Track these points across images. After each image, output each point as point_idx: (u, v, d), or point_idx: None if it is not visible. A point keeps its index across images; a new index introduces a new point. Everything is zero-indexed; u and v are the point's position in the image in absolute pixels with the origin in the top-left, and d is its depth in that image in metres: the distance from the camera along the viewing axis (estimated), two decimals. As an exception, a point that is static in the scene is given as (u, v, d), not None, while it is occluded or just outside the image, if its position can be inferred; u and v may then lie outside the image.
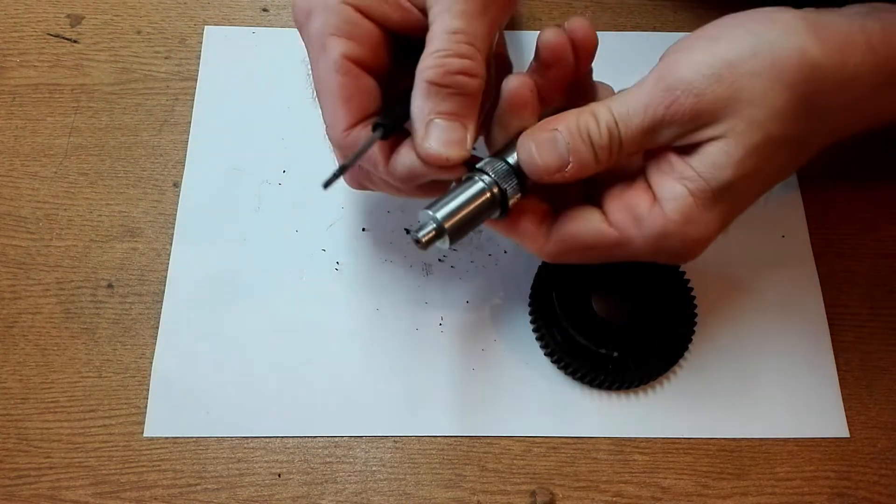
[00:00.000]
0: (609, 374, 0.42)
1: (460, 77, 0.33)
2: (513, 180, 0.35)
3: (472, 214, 0.34)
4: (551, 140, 0.33)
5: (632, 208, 0.34)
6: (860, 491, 0.42)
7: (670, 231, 0.33)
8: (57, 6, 0.54)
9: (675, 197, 0.33)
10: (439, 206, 0.34)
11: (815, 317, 0.46)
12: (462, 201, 0.34)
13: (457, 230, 0.34)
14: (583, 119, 0.33)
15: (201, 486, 0.42)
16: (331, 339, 0.45)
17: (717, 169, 0.32)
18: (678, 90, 0.32)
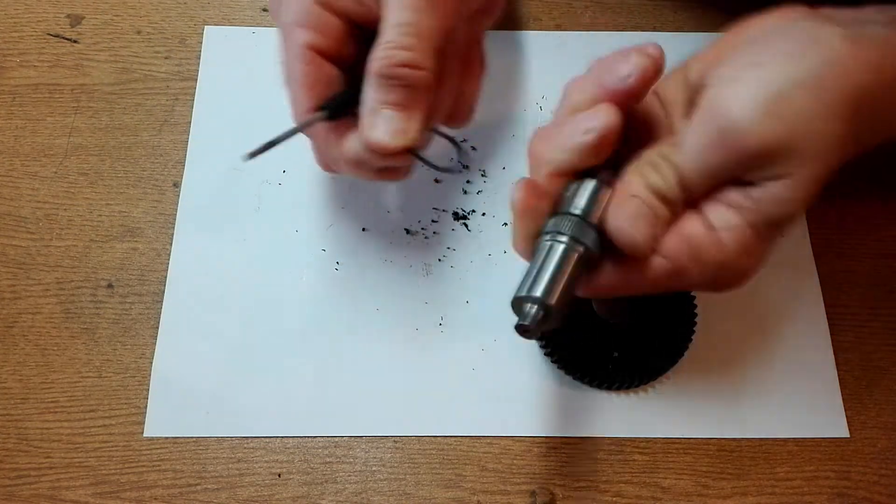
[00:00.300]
0: (609, 374, 0.42)
1: (404, 69, 0.35)
2: (590, 233, 0.32)
3: (570, 280, 0.31)
4: (639, 209, 0.31)
5: (686, 238, 0.32)
6: (860, 491, 0.42)
7: (727, 263, 0.31)
8: (57, 6, 0.54)
9: (731, 227, 0.31)
10: (534, 285, 0.31)
11: (815, 317, 0.46)
12: (554, 270, 0.31)
13: (562, 304, 0.31)
14: (651, 178, 0.31)
15: (201, 486, 0.42)
16: (330, 338, 0.45)
17: (778, 204, 0.31)
18: (733, 134, 0.30)
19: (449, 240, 0.48)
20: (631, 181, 0.32)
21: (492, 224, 0.48)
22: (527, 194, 0.32)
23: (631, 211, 0.31)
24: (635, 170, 0.32)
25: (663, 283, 0.32)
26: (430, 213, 0.48)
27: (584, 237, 0.31)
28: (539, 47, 0.53)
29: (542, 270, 0.31)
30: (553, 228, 0.32)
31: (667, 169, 0.31)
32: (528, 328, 0.30)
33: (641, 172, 0.32)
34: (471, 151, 0.50)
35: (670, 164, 0.31)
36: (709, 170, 0.31)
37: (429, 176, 0.49)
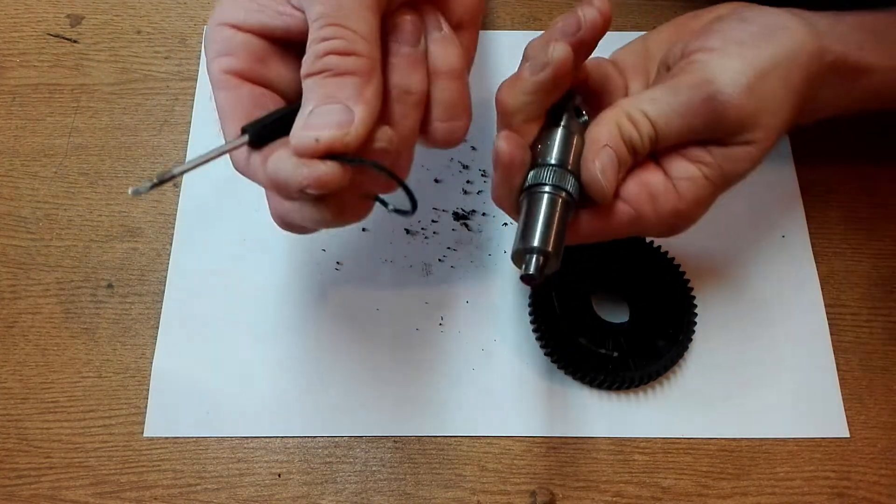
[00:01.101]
0: (609, 374, 0.42)
1: (330, 58, 0.30)
2: (569, 179, 0.33)
3: (560, 225, 0.33)
4: (610, 160, 0.33)
5: (646, 185, 0.34)
6: (860, 491, 0.42)
7: (681, 210, 0.35)
8: (57, 6, 0.54)
9: (689, 177, 0.34)
10: (530, 236, 0.32)
11: (815, 317, 0.46)
12: (545, 218, 0.33)
13: (557, 247, 0.32)
14: (626, 129, 0.34)
15: (201, 486, 0.42)
16: (331, 339, 0.45)
17: (735, 163, 0.34)
18: (717, 101, 0.33)
19: (449, 240, 0.48)
20: (604, 131, 0.34)
21: (492, 224, 0.48)
22: (510, 146, 0.33)
23: (604, 162, 0.33)
24: (610, 119, 0.34)
25: (626, 228, 0.35)
26: (430, 213, 0.48)
27: (565, 183, 0.33)
28: (539, 47, 0.53)
29: (533, 221, 0.33)
30: (534, 180, 0.33)
31: (643, 123, 0.33)
32: (533, 277, 0.32)
33: (617, 123, 0.34)
34: (471, 151, 0.50)
35: (646, 120, 0.33)
36: (685, 129, 0.34)
37: (429, 176, 0.49)
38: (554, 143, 0.34)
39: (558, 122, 0.35)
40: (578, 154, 0.34)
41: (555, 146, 0.34)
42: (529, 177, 0.34)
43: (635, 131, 0.33)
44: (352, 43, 0.30)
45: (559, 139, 0.34)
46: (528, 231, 0.32)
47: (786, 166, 0.50)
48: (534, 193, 0.33)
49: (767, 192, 0.49)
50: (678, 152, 0.35)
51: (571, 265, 0.43)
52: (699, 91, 0.33)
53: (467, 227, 0.48)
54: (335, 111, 0.29)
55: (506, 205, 0.36)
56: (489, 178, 0.49)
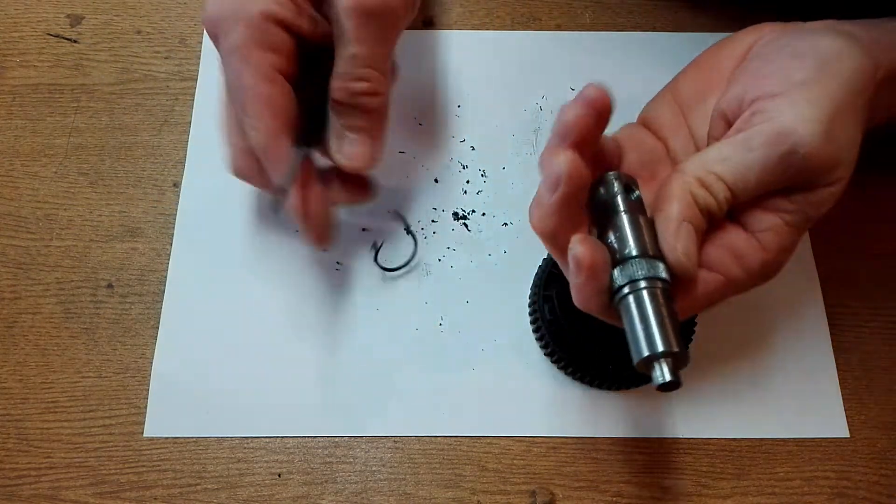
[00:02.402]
0: (609, 374, 0.42)
1: (363, 98, 0.38)
2: (658, 266, 0.31)
3: (673, 317, 0.31)
4: (691, 236, 0.31)
5: (729, 247, 0.33)
6: (860, 491, 0.42)
7: (769, 261, 0.33)
8: (57, 6, 0.54)
9: (772, 228, 0.33)
10: (653, 341, 0.30)
11: (815, 317, 0.46)
12: (657, 317, 0.30)
13: (682, 341, 0.30)
14: (700, 197, 0.32)
15: (201, 486, 0.42)
16: (331, 339, 0.45)
17: (819, 205, 0.33)
18: (798, 155, 0.31)
19: (449, 240, 0.48)
20: (677, 205, 0.31)
21: (492, 224, 0.48)
22: (589, 249, 0.31)
23: (686, 241, 0.31)
24: (681, 190, 0.32)
25: (718, 295, 0.33)
26: (430, 213, 0.48)
27: (658, 272, 0.31)
28: (539, 47, 0.53)
29: (648, 324, 0.30)
30: (626, 279, 0.31)
31: (718, 187, 0.32)
32: (672, 383, 0.30)
33: (691, 191, 0.32)
34: (470, 151, 0.50)
35: (721, 183, 0.32)
36: (763, 186, 0.32)
37: (429, 176, 0.49)
38: (625, 231, 0.32)
39: (614, 206, 0.33)
40: (652, 233, 0.32)
41: (628, 235, 0.32)
42: (616, 276, 0.31)
43: (710, 197, 0.32)
44: (379, 84, 0.38)
45: (628, 226, 0.32)
46: (648, 337, 0.30)
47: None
48: (632, 293, 0.31)
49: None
50: (755, 205, 0.33)
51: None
52: (776, 147, 0.31)
53: (467, 227, 0.48)
54: (364, 142, 0.39)
55: (594, 307, 0.33)
56: (489, 179, 0.49)
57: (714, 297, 0.33)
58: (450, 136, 0.50)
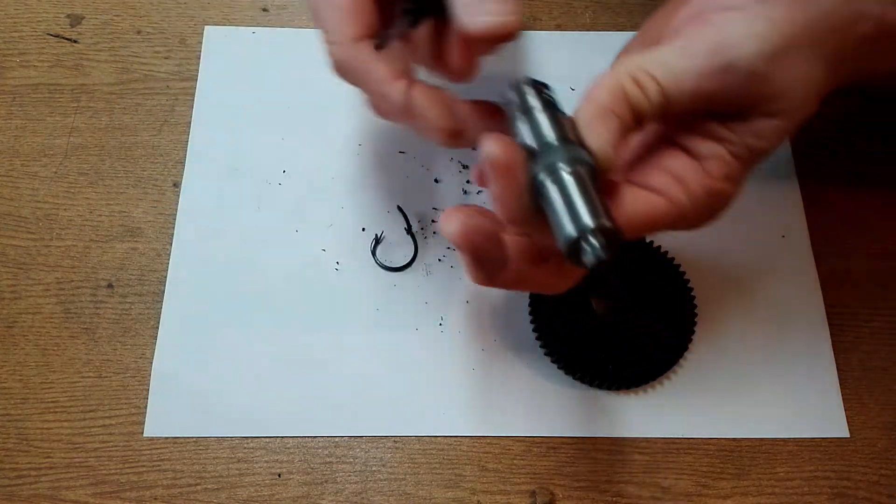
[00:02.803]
0: (609, 374, 0.42)
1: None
2: (579, 150, 0.29)
3: (600, 197, 0.28)
4: (615, 126, 0.29)
5: (670, 170, 0.31)
6: (860, 491, 0.42)
7: (715, 188, 0.31)
8: (57, 6, 0.54)
9: (715, 156, 0.31)
10: (577, 218, 0.27)
11: (815, 317, 0.46)
12: (583, 195, 0.27)
13: (614, 220, 0.27)
14: (632, 93, 0.29)
15: (201, 486, 0.42)
16: (331, 339, 0.45)
17: (761, 138, 0.31)
18: (736, 68, 0.29)
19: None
20: (606, 93, 0.29)
21: (492, 224, 0.48)
22: (501, 146, 0.28)
23: (609, 129, 0.29)
24: (612, 82, 0.29)
25: (662, 221, 0.31)
26: (430, 213, 0.48)
27: (580, 154, 0.28)
28: (539, 47, 0.53)
29: (570, 203, 0.27)
30: (545, 167, 0.28)
31: (652, 88, 0.30)
32: (603, 259, 0.26)
33: (622, 85, 0.29)
34: (471, 151, 0.50)
35: (655, 83, 0.30)
36: (699, 96, 0.30)
37: (429, 176, 0.49)
38: (541, 124, 0.30)
39: (527, 106, 0.31)
40: (572, 126, 0.30)
41: (544, 126, 0.29)
42: (538, 167, 0.28)
43: (642, 95, 0.29)
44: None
45: (543, 119, 0.30)
46: (573, 214, 0.27)
47: (786, 167, 0.50)
48: (551, 179, 0.28)
49: (767, 191, 0.49)
50: (697, 132, 0.31)
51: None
52: (716, 57, 0.29)
53: (467, 227, 0.48)
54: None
55: (518, 215, 0.29)
56: (489, 178, 0.49)
57: (657, 222, 0.31)
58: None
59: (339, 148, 0.50)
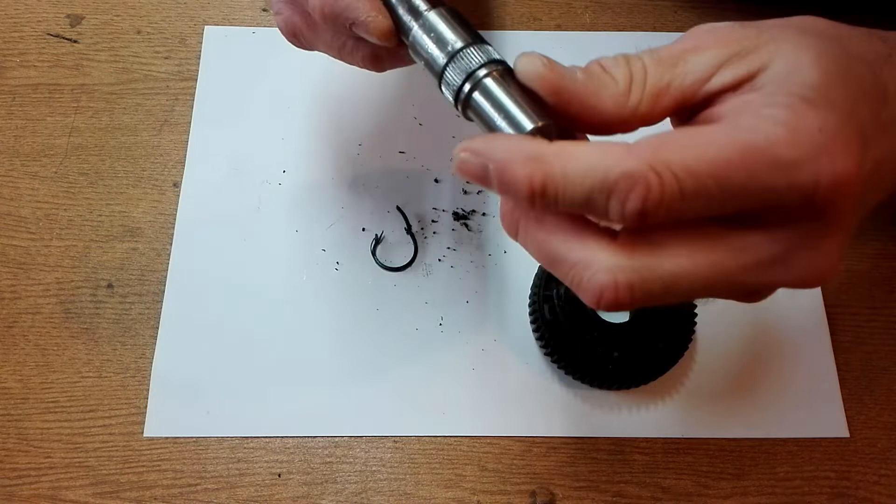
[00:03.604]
0: (609, 374, 0.42)
1: None
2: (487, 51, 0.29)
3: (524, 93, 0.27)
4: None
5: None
6: (860, 491, 0.42)
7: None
8: (57, 6, 0.54)
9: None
10: (517, 125, 0.26)
11: (815, 317, 0.46)
12: (510, 100, 0.27)
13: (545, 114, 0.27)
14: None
15: (201, 486, 0.42)
16: (331, 339, 0.45)
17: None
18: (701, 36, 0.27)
19: (449, 240, 0.48)
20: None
21: (492, 224, 0.48)
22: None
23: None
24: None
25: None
26: (430, 213, 0.48)
27: (491, 54, 0.28)
28: (539, 47, 0.53)
29: (504, 111, 0.27)
30: (464, 74, 0.28)
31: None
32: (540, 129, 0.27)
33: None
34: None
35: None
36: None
37: (429, 176, 0.49)
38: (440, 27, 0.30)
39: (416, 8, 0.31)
40: (466, 24, 0.29)
41: (444, 29, 0.29)
42: (450, 76, 0.29)
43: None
44: None
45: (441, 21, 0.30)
46: (511, 122, 0.27)
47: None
48: (476, 87, 0.28)
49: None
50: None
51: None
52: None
53: (467, 227, 0.48)
54: None
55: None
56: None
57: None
58: (450, 136, 0.50)
59: (339, 148, 0.50)
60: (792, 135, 0.24)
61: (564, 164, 0.24)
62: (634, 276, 0.25)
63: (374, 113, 0.51)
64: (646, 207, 0.23)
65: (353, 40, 0.36)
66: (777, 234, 0.25)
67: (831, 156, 0.24)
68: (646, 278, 0.25)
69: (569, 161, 0.24)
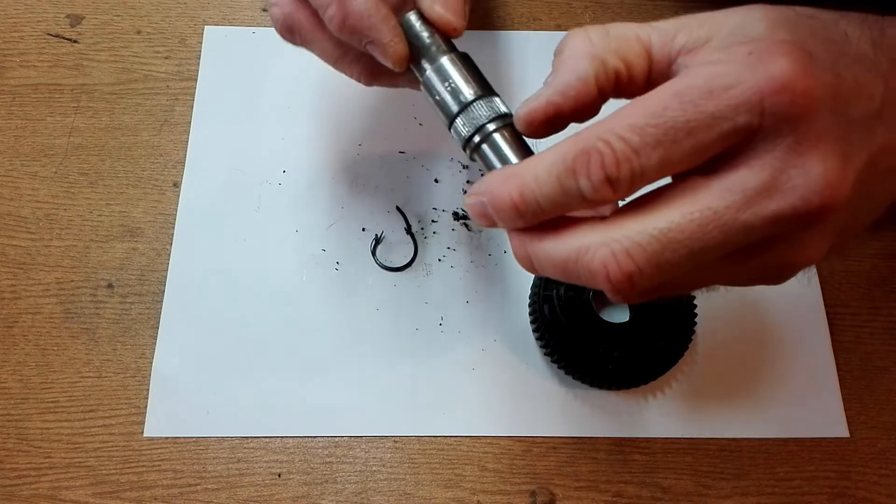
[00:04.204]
0: (609, 374, 0.42)
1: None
2: (495, 101, 0.32)
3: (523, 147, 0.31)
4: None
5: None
6: (860, 491, 0.42)
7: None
8: (57, 6, 0.54)
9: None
10: None
11: (815, 317, 0.46)
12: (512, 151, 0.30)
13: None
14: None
15: (201, 486, 0.42)
16: (331, 339, 0.45)
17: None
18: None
19: (449, 240, 0.48)
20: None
21: (492, 224, 0.48)
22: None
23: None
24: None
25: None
26: (430, 213, 0.48)
27: (499, 109, 0.31)
28: (539, 47, 0.53)
29: (506, 161, 0.30)
30: (473, 128, 0.31)
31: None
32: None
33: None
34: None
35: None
36: None
37: (429, 176, 0.49)
38: (453, 75, 0.32)
39: (428, 50, 0.33)
40: (472, 69, 0.32)
41: (457, 78, 0.32)
42: (461, 126, 0.32)
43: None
44: None
45: (453, 68, 0.32)
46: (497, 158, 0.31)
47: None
48: (484, 139, 0.31)
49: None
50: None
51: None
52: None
53: (467, 227, 0.48)
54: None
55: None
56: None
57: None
58: (450, 136, 0.50)
59: (339, 148, 0.50)
60: (724, 66, 0.25)
61: (533, 170, 0.26)
62: (627, 241, 0.25)
63: (374, 113, 0.51)
64: (608, 173, 0.25)
65: (354, 53, 0.36)
66: (755, 163, 0.25)
67: (764, 64, 0.24)
68: (640, 242, 0.25)
69: (535, 166, 0.27)
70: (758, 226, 0.25)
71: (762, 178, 0.24)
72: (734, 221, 0.25)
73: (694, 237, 0.25)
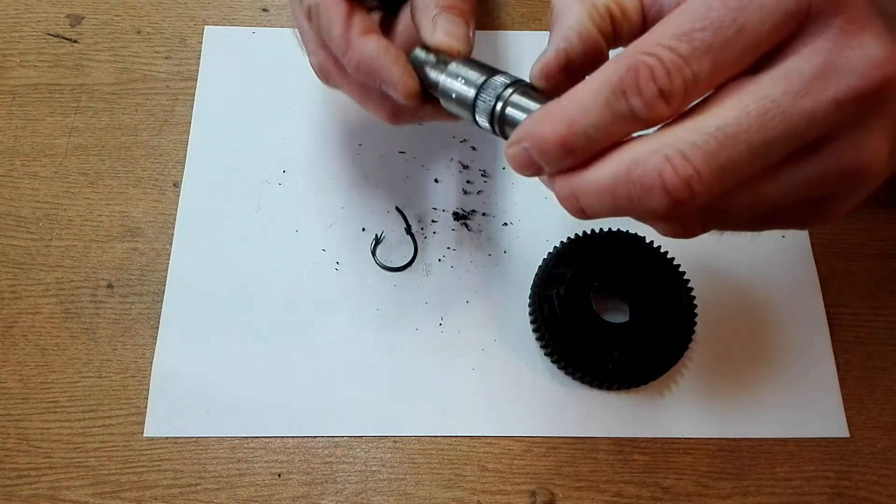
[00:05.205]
0: (609, 374, 0.42)
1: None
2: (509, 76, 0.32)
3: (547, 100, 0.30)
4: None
5: None
6: (860, 491, 0.42)
7: None
8: (57, 6, 0.54)
9: None
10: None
11: (815, 317, 0.46)
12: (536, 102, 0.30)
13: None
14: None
15: (201, 486, 0.42)
16: (331, 339, 0.45)
17: None
18: None
19: (449, 240, 0.48)
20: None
21: (492, 224, 0.48)
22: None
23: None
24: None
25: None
26: (430, 213, 0.48)
27: (513, 77, 0.32)
28: (539, 47, 0.53)
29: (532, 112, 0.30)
30: (494, 96, 0.32)
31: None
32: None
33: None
34: (471, 151, 0.50)
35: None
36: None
37: (429, 176, 0.49)
38: (465, 70, 0.33)
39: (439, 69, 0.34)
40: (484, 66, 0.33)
41: (469, 70, 0.33)
42: (483, 100, 0.32)
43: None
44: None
45: (462, 66, 0.33)
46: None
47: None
48: (506, 104, 0.31)
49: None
50: None
51: (572, 265, 0.43)
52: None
53: (467, 227, 0.48)
54: (460, 24, 0.35)
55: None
56: (490, 178, 0.49)
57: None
58: (450, 136, 0.50)
59: (339, 148, 0.50)
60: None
61: (577, 100, 0.25)
62: (683, 143, 0.23)
63: (374, 113, 0.51)
64: (661, 86, 0.23)
65: (377, 93, 0.38)
66: (807, 50, 0.24)
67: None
68: (695, 142, 0.23)
69: (579, 95, 0.25)
70: (819, 112, 0.23)
71: (818, 62, 0.23)
72: (794, 108, 0.23)
73: (752, 130, 0.23)
